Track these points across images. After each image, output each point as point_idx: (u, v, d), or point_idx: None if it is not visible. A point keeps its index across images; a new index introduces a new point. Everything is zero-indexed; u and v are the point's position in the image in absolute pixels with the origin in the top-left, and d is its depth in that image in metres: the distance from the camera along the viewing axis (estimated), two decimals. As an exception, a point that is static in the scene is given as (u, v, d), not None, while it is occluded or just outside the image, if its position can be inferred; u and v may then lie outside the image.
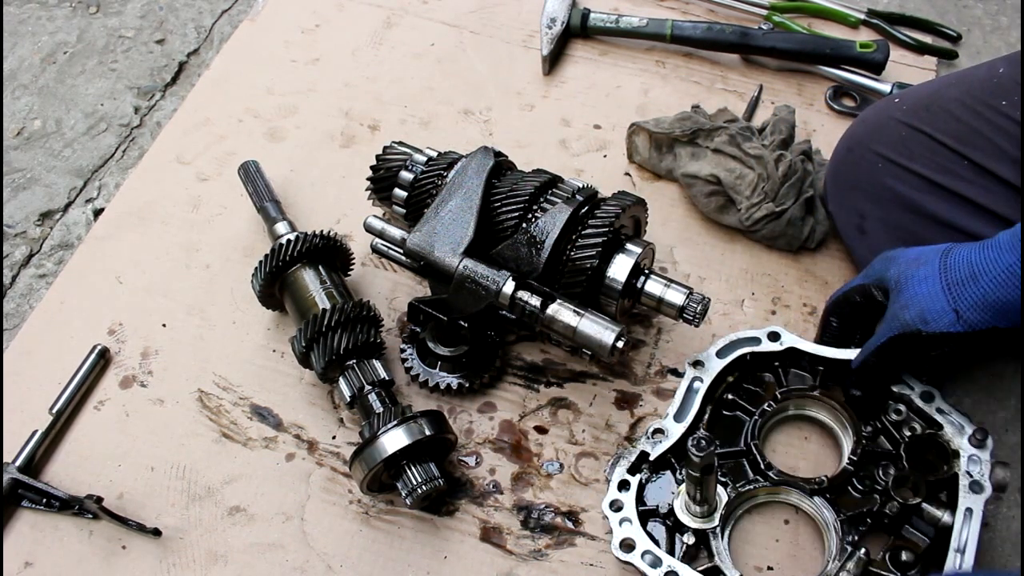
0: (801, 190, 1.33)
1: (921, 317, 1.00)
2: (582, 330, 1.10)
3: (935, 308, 0.99)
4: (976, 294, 0.96)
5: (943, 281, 1.00)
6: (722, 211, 1.38)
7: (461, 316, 1.15)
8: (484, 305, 1.14)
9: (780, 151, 1.34)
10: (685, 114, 1.46)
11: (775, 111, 1.42)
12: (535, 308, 1.12)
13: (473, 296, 1.14)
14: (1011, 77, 1.14)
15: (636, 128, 1.46)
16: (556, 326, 1.12)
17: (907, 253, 1.08)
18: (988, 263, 0.96)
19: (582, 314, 1.10)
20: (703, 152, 1.39)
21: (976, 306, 0.96)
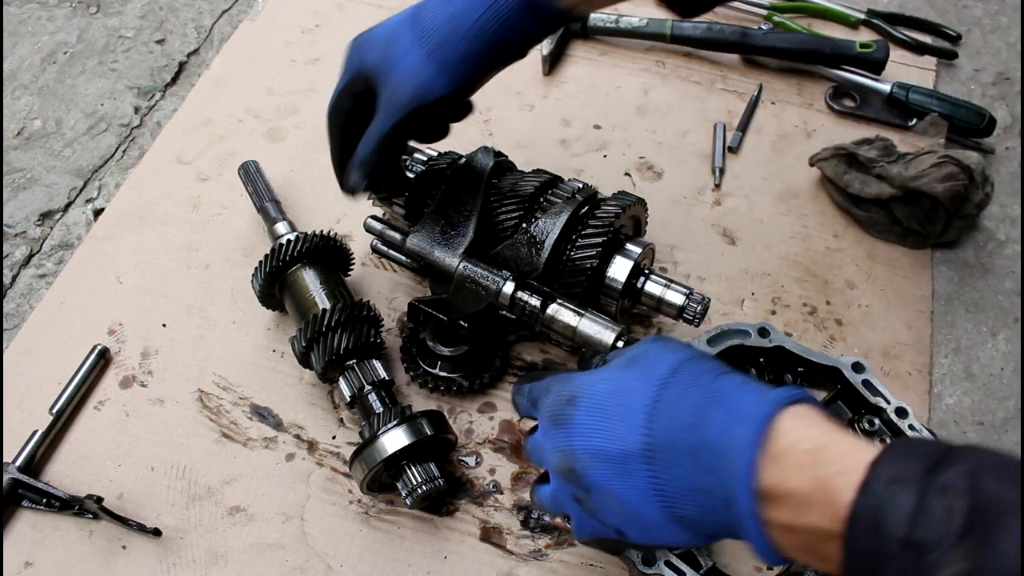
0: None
1: (418, 92, 1.02)
2: (582, 330, 1.10)
3: (427, 76, 1.01)
4: (455, 51, 1.00)
5: (424, 49, 1.01)
6: (959, 198, 1.36)
7: (461, 316, 1.15)
8: (484, 305, 1.14)
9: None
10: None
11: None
12: (535, 308, 1.12)
13: (473, 296, 1.14)
14: None
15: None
16: (556, 326, 1.12)
17: (376, 33, 1.08)
18: (457, 17, 0.99)
19: (582, 314, 1.10)
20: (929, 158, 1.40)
21: (460, 61, 1.00)
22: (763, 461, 0.66)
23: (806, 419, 0.69)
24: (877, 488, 0.58)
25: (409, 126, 1.07)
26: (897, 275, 1.41)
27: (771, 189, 1.52)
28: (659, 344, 0.84)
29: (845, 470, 0.62)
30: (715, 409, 0.72)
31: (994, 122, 1.58)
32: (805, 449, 0.65)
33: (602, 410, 0.78)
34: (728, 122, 1.60)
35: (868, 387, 1.17)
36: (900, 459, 0.59)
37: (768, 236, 1.45)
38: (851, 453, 0.63)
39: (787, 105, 1.64)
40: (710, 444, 0.70)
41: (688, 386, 0.75)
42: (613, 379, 0.80)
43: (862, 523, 0.58)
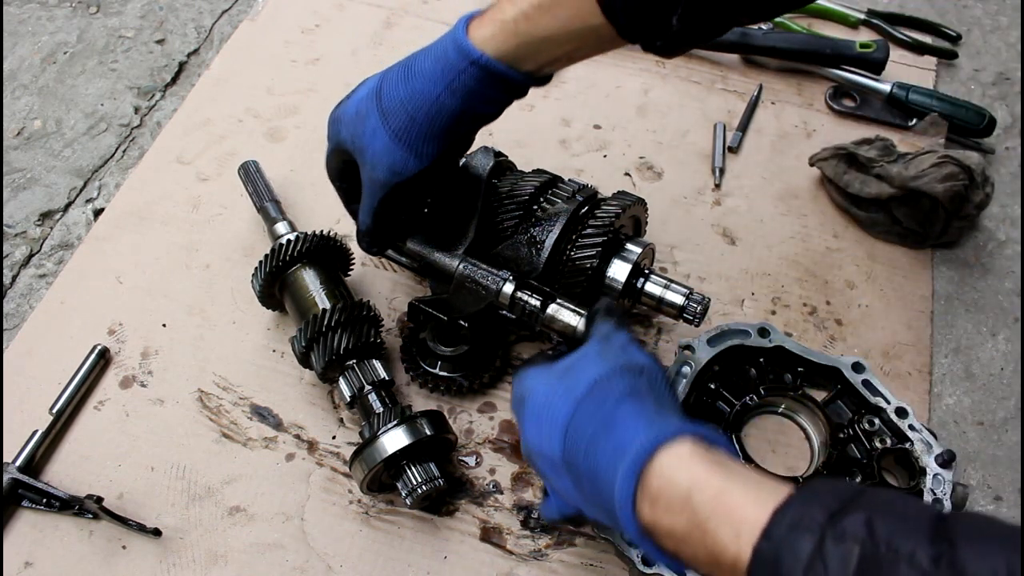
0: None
1: (392, 171, 1.02)
2: (583, 330, 1.09)
3: (398, 158, 1.01)
4: (421, 132, 0.99)
5: (389, 131, 1.00)
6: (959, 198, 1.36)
7: (461, 316, 1.15)
8: (484, 305, 1.14)
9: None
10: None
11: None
12: (535, 308, 1.12)
13: (473, 296, 1.14)
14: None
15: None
16: (556, 325, 1.12)
17: (347, 109, 1.07)
18: (416, 98, 0.98)
19: (583, 313, 1.10)
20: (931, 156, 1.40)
21: (427, 140, 0.99)
22: (641, 499, 0.72)
23: (682, 458, 0.72)
24: (778, 534, 0.60)
25: (396, 199, 1.07)
26: (897, 275, 1.41)
27: (771, 189, 1.52)
28: (595, 350, 0.87)
29: (714, 513, 0.66)
30: (605, 439, 0.78)
31: (994, 122, 1.58)
32: (678, 493, 0.70)
33: (537, 417, 0.85)
34: (728, 122, 1.60)
35: (868, 387, 1.17)
36: (804, 505, 0.62)
37: (768, 236, 1.45)
38: (721, 495, 0.67)
39: (787, 105, 1.64)
40: (599, 473, 0.77)
41: (592, 411, 0.80)
42: (548, 388, 0.86)
43: (763, 567, 0.60)
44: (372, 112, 1.01)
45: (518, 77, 0.97)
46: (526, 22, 0.92)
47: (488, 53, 0.94)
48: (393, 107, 0.99)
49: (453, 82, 0.96)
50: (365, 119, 1.02)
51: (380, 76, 1.04)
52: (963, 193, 1.35)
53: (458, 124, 1.00)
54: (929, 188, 1.33)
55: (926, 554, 0.55)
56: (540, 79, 1.01)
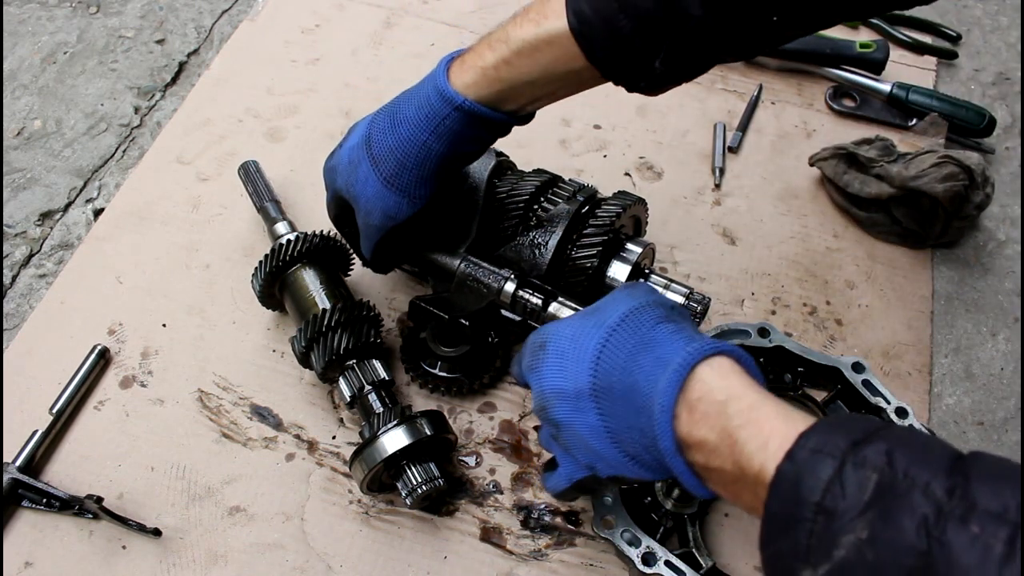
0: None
1: (386, 216, 1.04)
2: None
3: (391, 203, 1.03)
4: (411, 176, 1.01)
5: (381, 178, 1.02)
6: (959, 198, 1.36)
7: (463, 315, 1.15)
8: (486, 303, 1.14)
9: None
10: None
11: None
12: (536, 306, 1.12)
13: (475, 294, 1.14)
14: None
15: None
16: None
17: (340, 158, 1.09)
18: (403, 145, 1.00)
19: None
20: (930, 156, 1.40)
21: (418, 183, 1.01)
22: (680, 407, 0.73)
23: (722, 371, 0.74)
24: (801, 456, 0.62)
25: (392, 239, 1.10)
26: (897, 275, 1.41)
27: (771, 189, 1.52)
28: (625, 291, 0.88)
29: (746, 423, 0.69)
30: (645, 355, 0.79)
31: (994, 122, 1.58)
32: (715, 400, 0.72)
33: (562, 353, 0.85)
34: (728, 122, 1.60)
35: (868, 387, 1.17)
36: (828, 432, 0.63)
37: (768, 236, 1.45)
38: (755, 408, 0.70)
39: (787, 105, 1.64)
40: (638, 387, 0.77)
41: (629, 332, 0.81)
42: (575, 325, 0.86)
43: (783, 486, 0.63)
44: (363, 160, 1.04)
45: (501, 118, 0.99)
46: (507, 67, 0.94)
47: (470, 98, 0.96)
48: (383, 154, 1.02)
49: (438, 127, 0.98)
50: (357, 167, 1.05)
51: (368, 122, 1.06)
52: (963, 193, 1.35)
53: (446, 165, 1.02)
54: (929, 188, 1.33)
55: (941, 485, 0.56)
56: (523, 118, 1.04)
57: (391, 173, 1.01)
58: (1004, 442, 1.25)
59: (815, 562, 0.59)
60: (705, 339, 0.78)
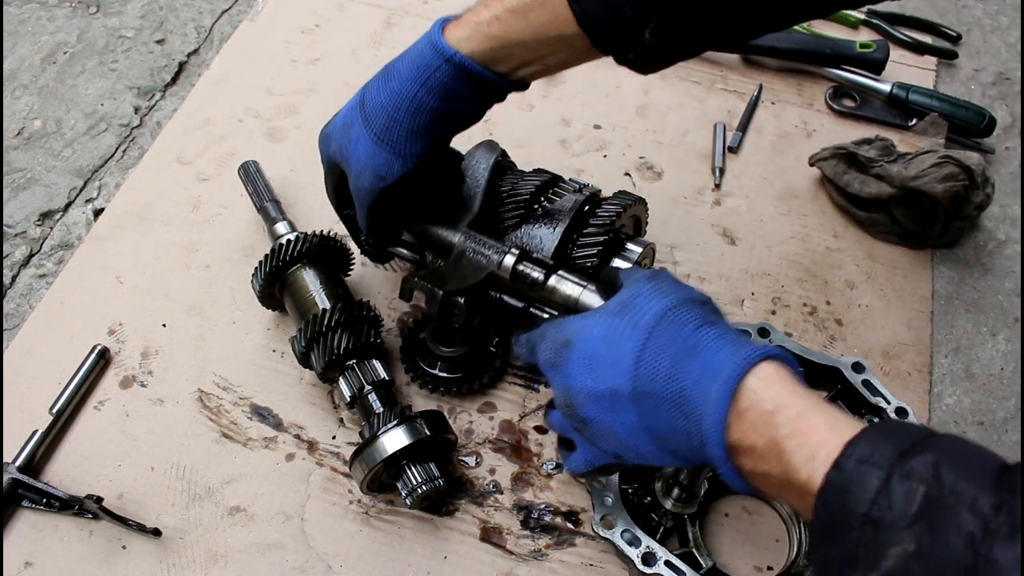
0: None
1: (377, 176, 1.03)
2: (585, 301, 1.06)
3: (381, 162, 1.02)
4: (402, 131, 1.00)
5: (372, 135, 1.01)
6: (959, 198, 1.36)
7: (458, 290, 1.11)
8: (484, 276, 1.10)
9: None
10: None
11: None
12: (537, 279, 1.09)
13: (473, 266, 1.11)
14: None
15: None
16: (557, 297, 1.08)
17: (334, 123, 1.10)
18: (394, 99, 1.00)
19: (584, 286, 1.07)
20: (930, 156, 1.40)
21: (408, 139, 1.00)
22: (730, 417, 0.74)
23: (769, 379, 0.74)
24: (848, 467, 0.63)
25: (384, 205, 1.08)
26: (897, 275, 1.41)
27: (771, 189, 1.52)
28: (650, 286, 0.87)
29: (794, 433, 0.69)
30: (691, 362, 0.78)
31: (994, 122, 1.58)
32: (763, 410, 0.72)
33: (593, 355, 0.84)
34: (728, 122, 1.60)
35: (868, 387, 1.17)
36: (874, 442, 0.64)
37: (768, 236, 1.45)
38: (802, 417, 0.70)
39: (787, 105, 1.64)
40: (687, 395, 0.77)
41: (670, 337, 0.80)
42: (604, 324, 0.85)
43: (831, 496, 0.63)
44: (356, 120, 1.04)
45: (492, 77, 0.99)
46: (499, 25, 0.94)
47: (462, 52, 0.96)
48: (375, 111, 1.01)
49: (429, 80, 0.98)
50: (350, 129, 1.05)
51: (364, 87, 1.06)
52: (963, 193, 1.35)
53: (438, 123, 1.01)
54: (929, 188, 1.33)
55: (988, 501, 0.56)
56: (516, 83, 1.03)
57: (382, 128, 1.01)
58: (1004, 442, 1.25)
59: (863, 570, 0.60)
60: (749, 345, 0.78)
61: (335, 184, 1.16)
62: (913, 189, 1.34)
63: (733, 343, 0.79)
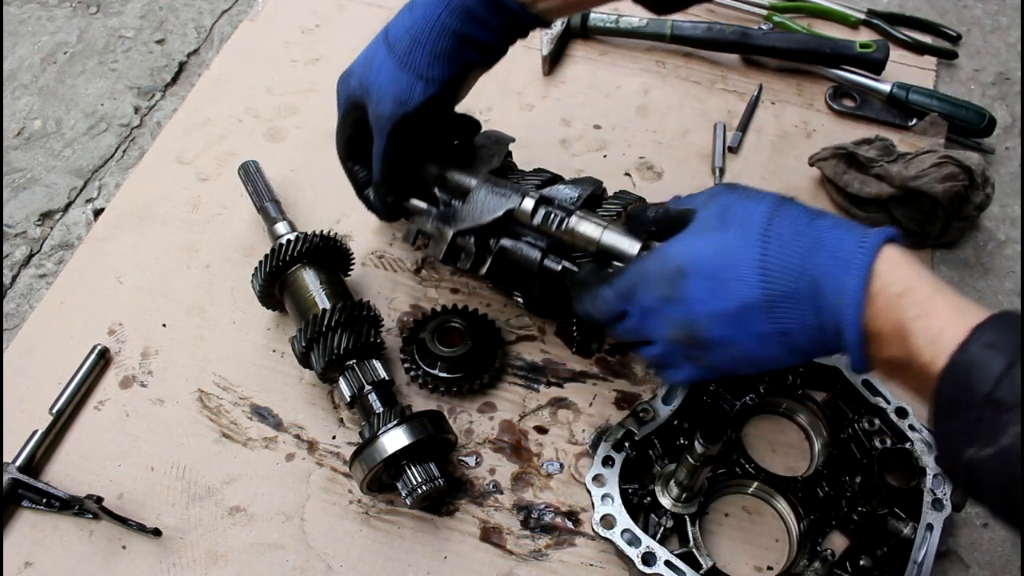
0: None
1: (398, 101, 1.04)
2: (606, 241, 1.05)
3: (403, 86, 1.03)
4: (425, 53, 1.01)
5: (395, 59, 1.03)
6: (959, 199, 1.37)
7: (469, 230, 1.09)
8: (503, 213, 1.09)
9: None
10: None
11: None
12: (559, 215, 1.08)
13: (491, 204, 1.10)
14: None
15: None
16: (578, 237, 1.07)
17: (355, 62, 1.11)
18: (418, 22, 1.02)
19: (605, 226, 1.06)
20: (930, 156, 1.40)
21: (431, 62, 1.02)
22: (864, 304, 0.76)
23: (895, 262, 0.77)
24: (974, 349, 0.67)
25: (404, 134, 1.07)
26: (897, 275, 1.41)
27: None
28: (736, 195, 0.89)
29: (921, 315, 0.73)
30: (819, 254, 0.80)
31: (994, 122, 1.58)
32: (892, 292, 0.75)
33: (712, 274, 0.84)
34: (728, 122, 1.60)
35: (868, 387, 1.17)
36: (1002, 329, 0.68)
37: (768, 236, 1.44)
38: (929, 299, 0.74)
39: (787, 105, 1.64)
40: (821, 289, 0.79)
41: (789, 236, 0.82)
42: (713, 242, 0.85)
43: (956, 374, 0.68)
44: (379, 50, 1.06)
45: (514, 6, 1.01)
46: None
47: None
48: (398, 36, 1.04)
49: (452, 2, 1.00)
50: (372, 59, 1.07)
51: (387, 24, 1.08)
52: (963, 193, 1.35)
53: (460, 48, 1.02)
54: (929, 188, 1.33)
55: None
56: (537, 17, 1.04)
57: (405, 52, 1.02)
58: (1004, 442, 1.25)
59: (980, 444, 0.65)
60: (868, 229, 0.80)
61: (350, 128, 1.15)
62: (913, 189, 1.34)
63: (850, 229, 0.81)
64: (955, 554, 1.14)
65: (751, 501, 1.15)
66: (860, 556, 1.04)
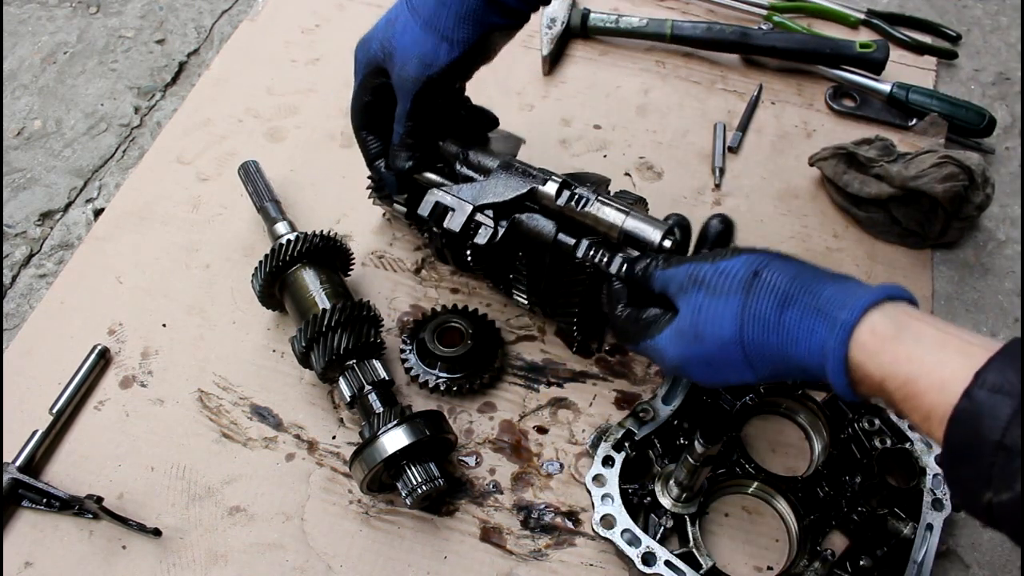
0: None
1: (424, 63, 1.04)
2: (628, 228, 1.06)
3: (429, 48, 1.03)
4: (451, 14, 1.01)
5: (420, 21, 1.03)
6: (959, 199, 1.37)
7: (492, 203, 1.09)
8: (527, 189, 1.09)
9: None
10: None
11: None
12: (584, 195, 1.08)
13: (515, 182, 1.10)
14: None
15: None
16: (600, 223, 1.07)
17: (376, 27, 1.11)
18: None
19: (628, 211, 1.07)
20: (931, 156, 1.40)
21: (456, 23, 1.02)
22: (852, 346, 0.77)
23: (874, 345, 0.76)
24: (979, 396, 0.66)
25: (428, 97, 1.07)
26: (897, 275, 1.41)
27: (771, 189, 1.52)
28: (704, 294, 0.88)
29: (911, 380, 0.72)
30: (795, 349, 0.81)
31: (994, 122, 1.58)
32: (875, 380, 0.75)
33: (707, 364, 0.88)
34: (728, 122, 1.60)
35: (868, 387, 1.17)
36: (1004, 369, 0.67)
37: (768, 236, 1.45)
38: (920, 359, 0.73)
39: (787, 105, 1.64)
40: (808, 371, 0.81)
41: (760, 336, 0.84)
42: (698, 353, 0.88)
43: (964, 422, 0.67)
44: (401, 12, 1.06)
45: None
46: None
47: None
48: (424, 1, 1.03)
49: None
50: (395, 23, 1.06)
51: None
52: (963, 193, 1.35)
53: (486, 10, 1.02)
54: (929, 188, 1.33)
55: None
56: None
57: (430, 14, 1.02)
58: (1004, 442, 1.25)
59: (997, 489, 0.65)
60: (840, 305, 0.79)
61: (368, 95, 1.14)
62: (913, 189, 1.34)
63: (819, 315, 0.80)
64: (955, 554, 1.14)
65: (751, 501, 1.15)
66: (860, 556, 1.04)
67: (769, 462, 1.17)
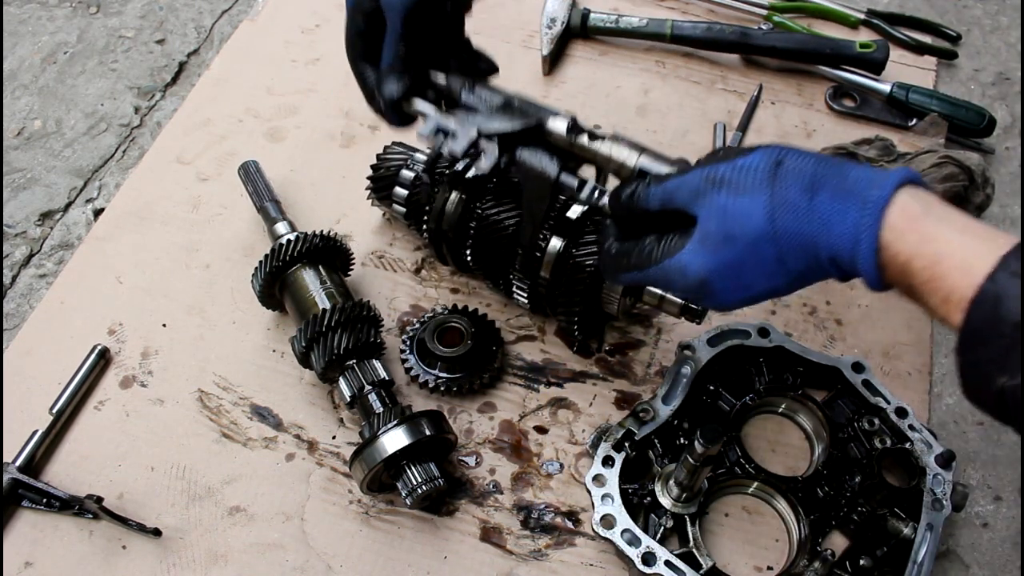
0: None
1: None
2: (640, 165, 1.00)
3: None
4: None
5: None
6: (958, 199, 1.37)
7: (498, 131, 1.04)
8: (536, 122, 1.04)
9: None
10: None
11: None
12: (594, 130, 1.04)
13: (523, 113, 1.05)
14: None
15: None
16: (612, 162, 1.03)
17: None
18: None
19: (641, 150, 1.01)
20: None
21: None
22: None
23: (902, 227, 0.75)
24: (1002, 279, 0.67)
25: (418, 23, 1.03)
26: (897, 275, 1.41)
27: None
28: (726, 192, 0.83)
29: (937, 261, 0.72)
30: (829, 232, 0.79)
31: (994, 122, 1.58)
32: (900, 262, 0.74)
33: (735, 275, 0.84)
34: (728, 122, 1.60)
35: (868, 387, 1.17)
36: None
37: (768, 236, 1.45)
38: (946, 244, 0.72)
39: (787, 105, 1.64)
40: (838, 260, 0.79)
41: (792, 224, 0.81)
42: (727, 258, 0.83)
43: (985, 304, 0.68)
44: None
45: None
46: None
47: None
48: None
49: None
50: None
51: None
52: (963, 193, 1.35)
53: None
54: None
55: None
56: None
57: None
58: (1004, 442, 1.25)
59: (1012, 372, 0.65)
60: (866, 191, 0.77)
61: (360, 22, 1.08)
62: None
63: (848, 199, 0.78)
64: (955, 554, 1.14)
65: (751, 501, 1.15)
66: (860, 556, 1.04)
67: (769, 462, 1.17)
